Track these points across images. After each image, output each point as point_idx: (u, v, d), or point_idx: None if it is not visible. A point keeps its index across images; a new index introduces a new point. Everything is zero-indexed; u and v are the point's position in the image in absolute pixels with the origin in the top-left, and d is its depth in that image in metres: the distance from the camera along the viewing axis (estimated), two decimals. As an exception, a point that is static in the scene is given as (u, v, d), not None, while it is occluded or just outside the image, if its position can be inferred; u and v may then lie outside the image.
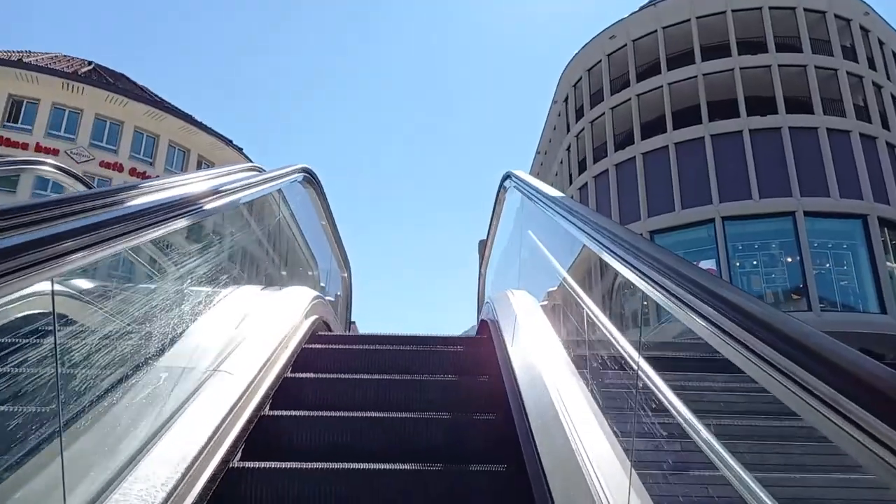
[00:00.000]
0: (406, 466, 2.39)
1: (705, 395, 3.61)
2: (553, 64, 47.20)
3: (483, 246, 7.74)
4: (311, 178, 4.41)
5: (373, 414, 2.74)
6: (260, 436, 2.53)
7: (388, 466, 2.36)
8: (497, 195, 5.02)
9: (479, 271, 6.44)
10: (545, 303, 3.64)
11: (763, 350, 1.09)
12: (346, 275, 6.21)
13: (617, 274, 2.06)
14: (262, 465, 2.31)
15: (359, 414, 2.73)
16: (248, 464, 2.34)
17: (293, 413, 2.77)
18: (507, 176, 4.54)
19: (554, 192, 3.29)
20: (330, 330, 4.50)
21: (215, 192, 2.54)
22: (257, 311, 3.50)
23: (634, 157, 33.40)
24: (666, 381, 1.91)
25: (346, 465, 2.33)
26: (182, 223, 2.20)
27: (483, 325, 4.51)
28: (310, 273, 5.40)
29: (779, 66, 31.58)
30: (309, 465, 2.34)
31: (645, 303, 1.98)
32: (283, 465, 2.31)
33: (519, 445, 2.45)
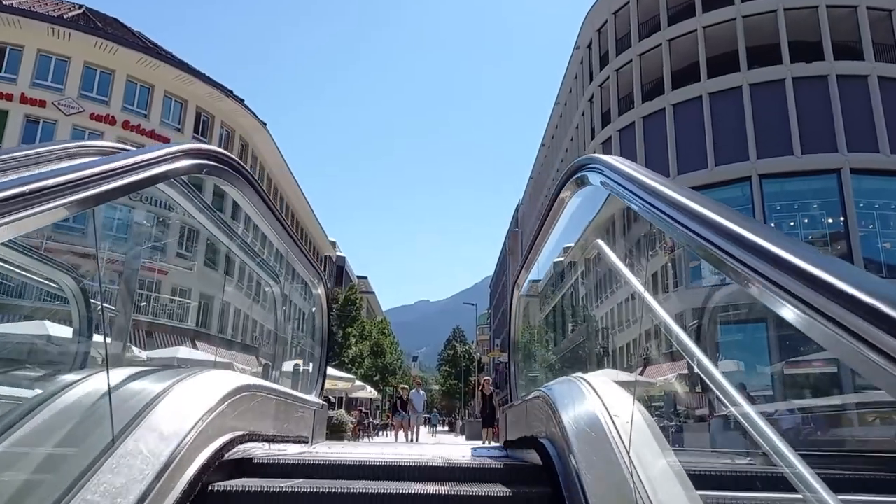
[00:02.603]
0: None
1: None
2: (576, 5, 44.33)
3: (513, 241, 5.75)
4: (224, 167, 2.48)
5: None
6: None
7: None
8: (557, 192, 3.06)
9: (511, 293, 4.50)
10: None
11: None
12: (320, 291, 4.34)
13: None
14: None
15: None
16: None
17: None
18: (586, 165, 2.58)
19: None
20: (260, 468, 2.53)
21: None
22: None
23: (664, 108, 30.89)
24: None
25: None
26: None
27: (530, 445, 2.57)
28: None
29: (826, 6, 28.62)
30: None
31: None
32: None
33: None
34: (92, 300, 3.40)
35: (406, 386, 20.68)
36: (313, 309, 4.56)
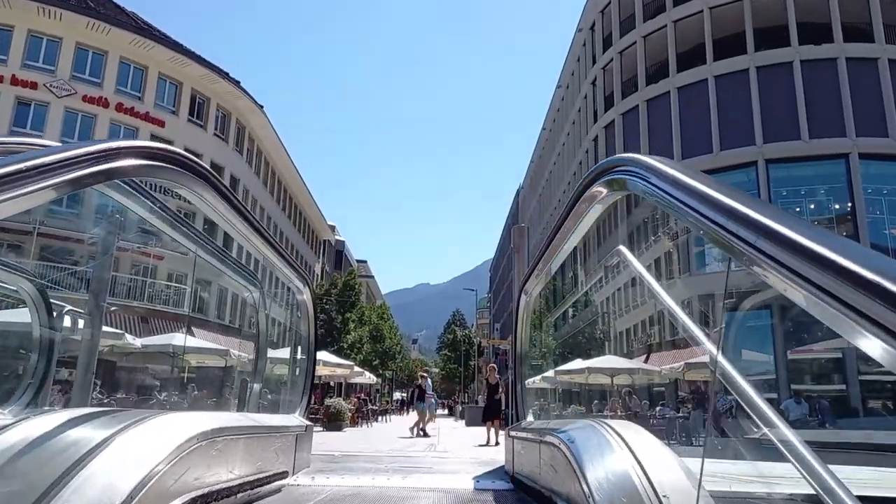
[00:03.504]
0: None
1: None
2: (578, -13, 43.52)
3: (518, 236, 5.32)
4: (176, 167, 2.04)
5: None
6: None
7: None
8: (576, 199, 2.58)
9: (518, 298, 4.05)
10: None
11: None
12: (305, 296, 3.89)
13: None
14: None
15: None
16: None
17: None
18: (619, 167, 2.10)
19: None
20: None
21: None
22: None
23: (668, 91, 30.25)
24: None
25: None
26: None
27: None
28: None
29: (837, -14, 27.89)
30: None
31: None
32: None
33: None
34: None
35: (425, 374, 19.86)
36: (299, 313, 4.12)
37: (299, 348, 4.10)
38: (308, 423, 3.79)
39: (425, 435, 15.90)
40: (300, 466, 3.41)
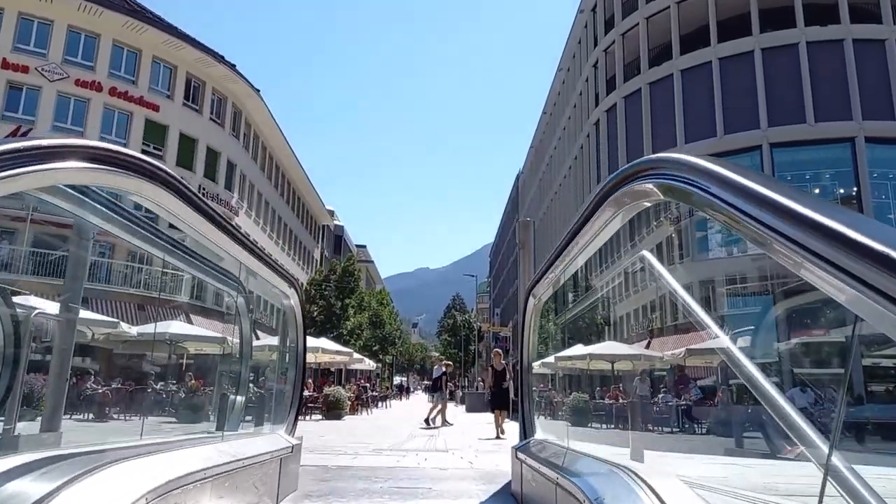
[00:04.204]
0: None
1: None
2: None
3: (524, 232, 4.97)
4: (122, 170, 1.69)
5: None
6: None
7: None
8: (595, 206, 2.21)
9: (525, 302, 3.70)
10: None
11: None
12: (292, 300, 3.55)
13: None
14: None
15: None
16: None
17: None
18: (654, 170, 1.70)
19: None
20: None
21: None
22: None
23: (672, 74, 29.73)
24: None
25: None
26: None
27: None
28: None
29: (844, -34, 27.28)
30: None
31: None
32: None
33: None
34: None
35: (449, 361, 18.90)
36: (286, 319, 3.78)
37: (287, 357, 3.77)
38: (296, 441, 3.47)
39: (445, 424, 15.21)
40: (285, 492, 3.09)
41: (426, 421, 15.78)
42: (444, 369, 17.39)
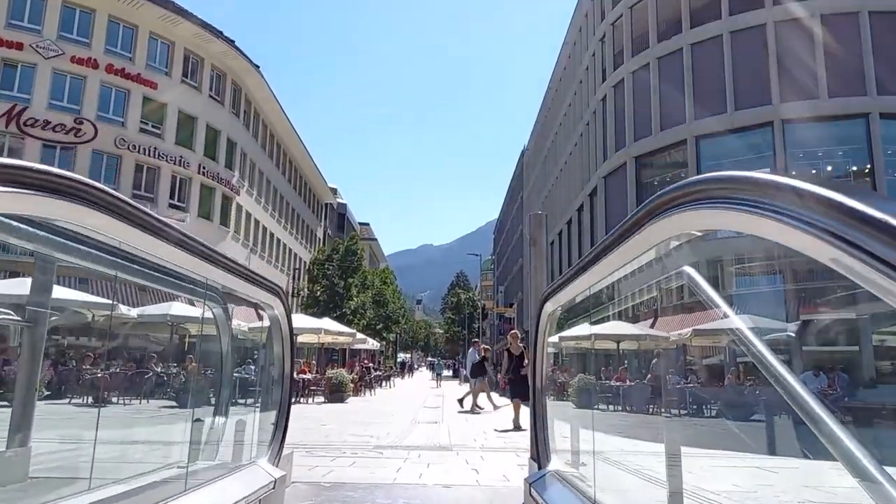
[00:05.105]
0: None
1: None
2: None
3: (536, 227, 4.55)
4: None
5: None
6: None
7: None
8: (625, 230, 1.76)
9: (538, 312, 3.30)
10: None
11: None
12: (276, 311, 3.15)
13: None
14: None
15: None
16: None
17: None
18: (706, 182, 1.23)
19: None
20: None
21: None
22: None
23: (681, 48, 28.93)
24: None
25: None
26: None
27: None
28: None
29: (861, -67, 26.33)
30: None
31: None
32: None
33: None
34: None
35: (488, 347, 17.56)
36: (271, 333, 3.39)
37: (272, 376, 3.38)
38: (280, 473, 3.09)
39: (476, 410, 14.67)
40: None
41: (464, 404, 15.42)
42: (482, 353, 15.91)
